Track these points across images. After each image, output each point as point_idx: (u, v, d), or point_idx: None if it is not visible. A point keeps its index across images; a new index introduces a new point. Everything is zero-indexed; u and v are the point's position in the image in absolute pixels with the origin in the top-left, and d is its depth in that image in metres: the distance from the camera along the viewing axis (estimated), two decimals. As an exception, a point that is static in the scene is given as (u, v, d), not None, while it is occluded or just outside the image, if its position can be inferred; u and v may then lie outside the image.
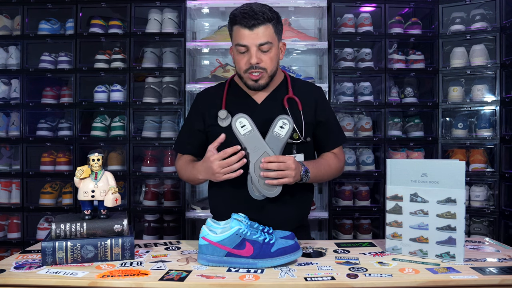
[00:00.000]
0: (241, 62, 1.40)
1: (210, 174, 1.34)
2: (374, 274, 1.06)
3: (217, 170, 1.30)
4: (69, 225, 1.16)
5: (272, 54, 1.39)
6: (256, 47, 1.36)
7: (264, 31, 1.35)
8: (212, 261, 1.13)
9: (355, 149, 2.65)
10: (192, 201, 2.62)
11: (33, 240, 2.52)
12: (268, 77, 1.42)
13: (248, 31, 1.35)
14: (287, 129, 1.32)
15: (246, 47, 1.37)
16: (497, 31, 2.45)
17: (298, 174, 1.33)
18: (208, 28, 2.84)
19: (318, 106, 1.51)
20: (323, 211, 2.53)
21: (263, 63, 1.38)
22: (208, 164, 1.32)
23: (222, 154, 1.29)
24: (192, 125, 1.54)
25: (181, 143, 1.59)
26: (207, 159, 1.33)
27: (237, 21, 1.37)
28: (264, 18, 1.35)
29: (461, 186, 1.15)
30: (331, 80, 2.56)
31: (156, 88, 2.58)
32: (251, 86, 1.42)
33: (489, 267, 1.10)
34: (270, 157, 1.28)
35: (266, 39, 1.36)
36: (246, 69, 1.39)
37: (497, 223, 2.41)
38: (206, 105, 1.52)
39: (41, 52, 2.61)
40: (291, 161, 1.29)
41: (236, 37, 1.39)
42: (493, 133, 2.47)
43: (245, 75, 1.41)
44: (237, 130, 1.31)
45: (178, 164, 1.57)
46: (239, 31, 1.37)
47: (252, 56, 1.36)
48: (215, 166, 1.30)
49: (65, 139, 2.57)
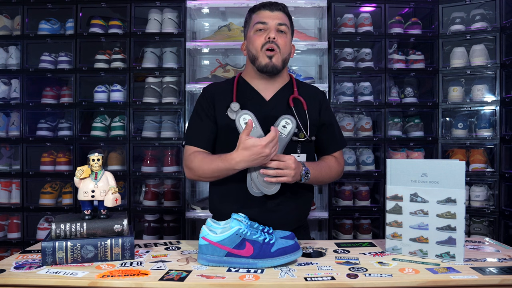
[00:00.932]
0: (258, 40, 1.44)
1: (260, 159, 1.27)
2: (374, 274, 1.06)
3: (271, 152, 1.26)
4: (69, 225, 1.16)
5: (287, 39, 1.46)
6: (275, 25, 1.43)
7: (283, 16, 1.46)
8: (212, 261, 1.13)
9: (355, 149, 2.65)
10: (192, 201, 2.62)
11: (33, 240, 2.53)
12: (281, 60, 1.44)
13: (269, 12, 1.45)
14: (289, 128, 1.34)
15: (266, 24, 1.43)
16: (497, 31, 2.45)
17: (297, 174, 1.33)
18: (208, 28, 2.84)
19: (322, 108, 1.53)
20: (323, 211, 2.53)
21: (279, 41, 1.43)
22: (256, 150, 1.25)
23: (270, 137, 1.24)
24: (205, 115, 1.48)
25: (195, 136, 1.49)
26: (254, 147, 1.25)
27: (257, 7, 1.48)
28: (284, 9, 1.48)
29: (461, 186, 1.15)
30: (331, 80, 2.56)
31: (156, 88, 2.58)
32: (264, 66, 1.43)
33: (489, 267, 1.10)
34: None
35: (284, 21, 1.45)
36: (263, 45, 1.42)
37: (497, 223, 2.41)
38: (216, 96, 1.49)
39: (41, 52, 2.61)
40: (291, 161, 1.30)
41: (256, 19, 1.46)
42: (493, 133, 2.47)
43: (261, 53, 1.43)
44: (240, 127, 1.32)
45: (195, 161, 1.42)
46: (259, 13, 1.46)
47: (271, 31, 1.42)
48: (268, 150, 1.25)
49: (65, 139, 2.57)
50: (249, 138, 1.26)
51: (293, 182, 1.34)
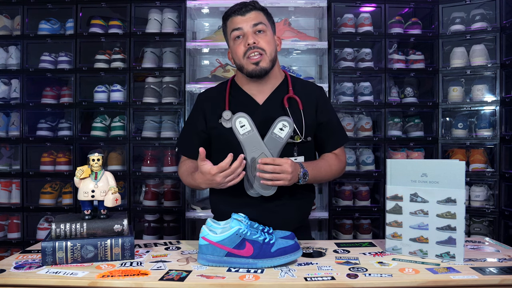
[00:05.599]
0: (239, 49, 1.40)
1: (214, 185, 1.31)
2: (374, 274, 1.06)
3: (221, 181, 1.28)
4: (69, 225, 1.16)
5: (268, 37, 1.42)
6: (251, 28, 1.39)
7: (256, 15, 1.41)
8: (212, 261, 1.13)
9: (355, 149, 2.65)
10: (192, 201, 2.62)
11: (33, 240, 2.52)
12: (269, 61, 1.41)
13: (241, 17, 1.40)
14: (286, 131, 1.32)
15: (241, 30, 1.40)
16: (497, 31, 2.45)
17: (295, 177, 1.32)
18: (208, 28, 2.84)
19: (319, 106, 1.51)
20: (323, 211, 2.52)
21: (261, 43, 1.39)
22: (209, 177, 1.29)
23: (223, 166, 1.25)
24: (195, 125, 1.53)
25: (184, 144, 1.56)
26: (207, 174, 1.28)
27: (229, 14, 1.44)
28: (255, 7, 1.42)
29: (461, 186, 1.15)
30: (331, 80, 2.56)
31: (156, 88, 2.58)
32: (252, 71, 1.40)
33: (489, 267, 1.10)
34: (267, 159, 1.28)
35: (259, 20, 1.41)
36: (245, 53, 1.39)
37: (497, 223, 2.41)
38: (208, 105, 1.51)
39: (41, 52, 2.61)
40: (288, 165, 1.28)
41: (230, 26, 1.43)
42: (493, 133, 2.47)
43: (244, 61, 1.40)
44: (236, 130, 1.31)
45: (181, 170, 1.54)
46: (232, 20, 1.42)
47: (248, 36, 1.38)
48: (219, 179, 1.27)
49: (65, 139, 2.57)
50: (205, 163, 1.29)
51: (291, 185, 1.34)
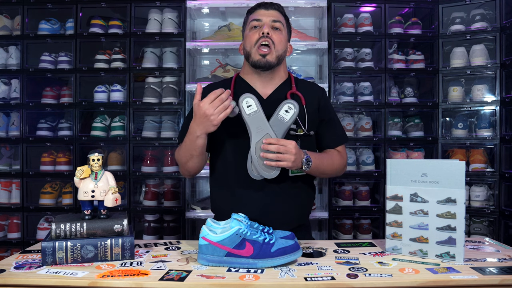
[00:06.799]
0: (253, 36, 1.45)
1: (206, 122, 1.30)
2: (374, 274, 1.06)
3: (211, 112, 1.27)
4: (69, 225, 1.16)
5: (282, 36, 1.47)
6: (270, 22, 1.46)
7: (278, 15, 1.49)
8: (212, 261, 1.13)
9: (355, 149, 2.65)
10: (192, 201, 2.62)
11: (33, 240, 2.53)
12: (275, 57, 1.44)
13: (264, 10, 1.49)
14: (292, 113, 1.33)
15: (260, 21, 1.46)
16: (497, 31, 2.45)
17: (298, 160, 1.32)
18: (208, 28, 2.84)
19: (321, 105, 1.53)
20: (323, 211, 2.52)
21: (273, 37, 1.44)
22: (200, 112, 1.29)
23: (211, 96, 1.27)
24: None
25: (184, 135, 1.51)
26: (197, 109, 1.30)
27: (253, 8, 1.52)
28: (279, 8, 1.51)
29: (461, 186, 1.15)
30: (331, 80, 2.56)
31: (156, 88, 2.58)
32: (257, 61, 1.44)
33: (489, 267, 1.10)
34: (271, 139, 1.29)
35: (279, 18, 1.48)
36: (257, 41, 1.43)
37: (497, 223, 2.41)
38: None
39: (41, 52, 2.61)
40: (292, 146, 1.29)
41: (251, 17, 1.50)
42: (493, 133, 2.47)
43: (254, 49, 1.44)
44: (243, 109, 1.32)
45: (177, 150, 1.53)
46: (255, 12, 1.50)
47: (265, 26, 1.44)
48: (208, 109, 1.27)
49: (65, 139, 2.57)
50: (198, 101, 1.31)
51: (294, 168, 1.34)
